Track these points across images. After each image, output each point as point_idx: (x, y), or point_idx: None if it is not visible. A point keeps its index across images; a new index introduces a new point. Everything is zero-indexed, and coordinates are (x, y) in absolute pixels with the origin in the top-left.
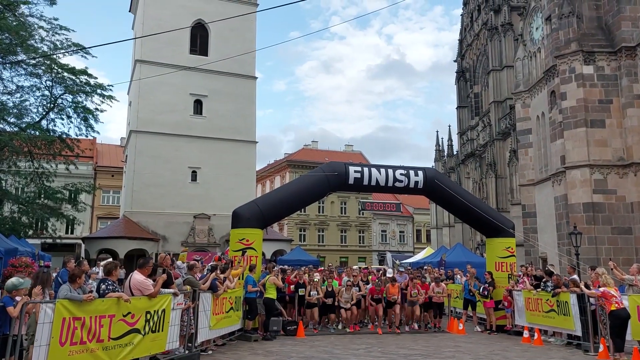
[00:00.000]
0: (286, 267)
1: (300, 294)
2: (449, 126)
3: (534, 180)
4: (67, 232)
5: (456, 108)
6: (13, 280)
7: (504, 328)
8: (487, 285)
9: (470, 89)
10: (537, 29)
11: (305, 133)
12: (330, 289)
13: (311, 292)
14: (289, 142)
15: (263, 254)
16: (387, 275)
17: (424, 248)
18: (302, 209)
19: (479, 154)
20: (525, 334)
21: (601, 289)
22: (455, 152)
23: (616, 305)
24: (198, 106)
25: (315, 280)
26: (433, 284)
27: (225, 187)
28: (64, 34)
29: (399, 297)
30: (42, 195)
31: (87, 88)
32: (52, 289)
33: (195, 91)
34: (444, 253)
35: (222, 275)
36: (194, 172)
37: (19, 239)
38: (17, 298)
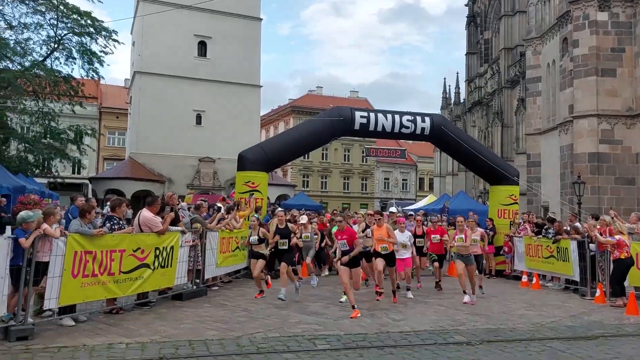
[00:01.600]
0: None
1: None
2: (457, 73)
3: (541, 130)
4: (73, 173)
5: (465, 54)
6: (22, 213)
7: (502, 273)
8: (487, 230)
9: (481, 35)
10: None
11: (310, 79)
12: (282, 226)
13: (251, 237)
14: (293, 87)
15: (267, 198)
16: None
17: (427, 196)
18: (306, 156)
19: (486, 102)
20: (524, 278)
21: (617, 237)
22: (462, 100)
23: (626, 254)
24: (202, 48)
25: (256, 218)
26: (468, 229)
27: (229, 131)
28: None
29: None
30: (48, 135)
31: (91, 29)
32: (61, 224)
33: (199, 32)
34: (447, 200)
35: (227, 215)
36: (198, 115)
37: (27, 178)
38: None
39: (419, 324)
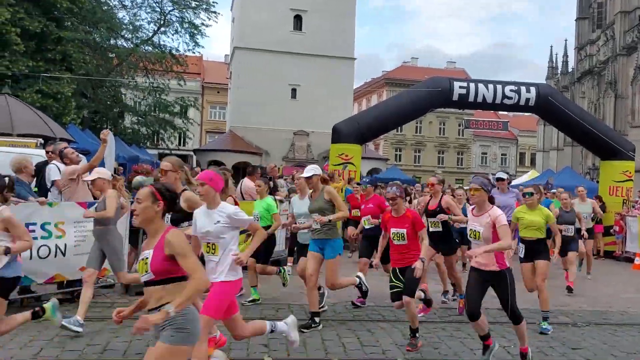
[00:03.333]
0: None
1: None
2: (565, 41)
3: None
4: (179, 145)
5: (575, 20)
6: (138, 178)
7: (612, 254)
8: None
9: None
10: None
11: (405, 51)
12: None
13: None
14: (388, 60)
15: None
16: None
17: (528, 172)
18: (398, 129)
19: (597, 72)
20: (637, 260)
21: None
22: (570, 70)
23: None
24: (298, 22)
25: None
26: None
27: (323, 104)
28: None
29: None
30: (157, 109)
31: (193, 4)
32: None
33: (295, 6)
34: (550, 176)
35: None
36: (293, 89)
37: (139, 149)
38: None
39: (520, 302)
